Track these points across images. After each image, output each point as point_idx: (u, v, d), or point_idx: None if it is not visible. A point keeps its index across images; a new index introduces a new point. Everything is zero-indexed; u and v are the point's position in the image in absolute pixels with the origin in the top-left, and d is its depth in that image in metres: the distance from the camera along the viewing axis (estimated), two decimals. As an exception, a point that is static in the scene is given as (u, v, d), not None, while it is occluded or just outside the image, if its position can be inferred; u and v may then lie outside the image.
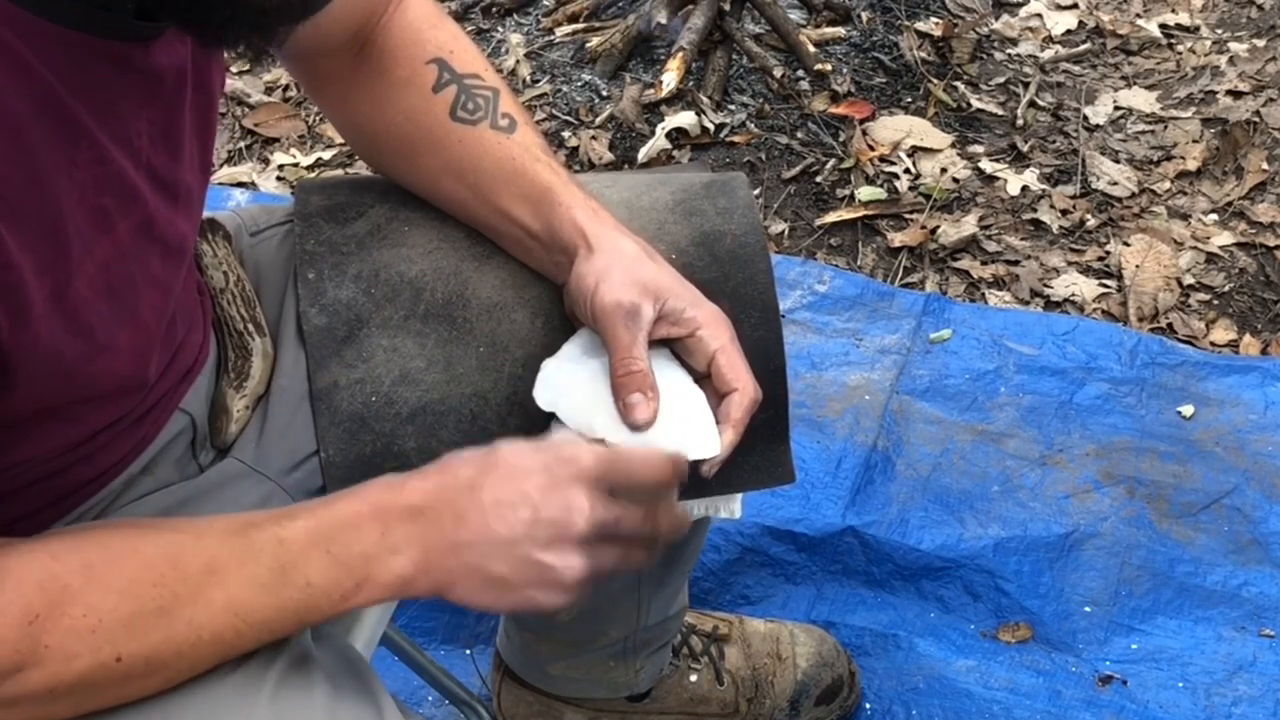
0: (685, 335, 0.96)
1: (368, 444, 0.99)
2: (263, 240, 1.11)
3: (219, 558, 0.78)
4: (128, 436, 0.92)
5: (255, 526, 0.80)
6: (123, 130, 0.76)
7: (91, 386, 0.82)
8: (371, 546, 0.80)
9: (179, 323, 0.94)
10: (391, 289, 1.03)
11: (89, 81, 0.71)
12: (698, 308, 0.97)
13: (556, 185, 1.00)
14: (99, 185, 0.74)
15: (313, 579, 0.79)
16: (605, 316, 0.94)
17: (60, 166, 0.70)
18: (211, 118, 0.90)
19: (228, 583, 0.77)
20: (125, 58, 0.74)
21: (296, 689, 0.82)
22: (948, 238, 2.26)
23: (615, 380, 0.94)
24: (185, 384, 0.98)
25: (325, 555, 0.79)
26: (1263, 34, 2.79)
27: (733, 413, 0.95)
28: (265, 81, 2.77)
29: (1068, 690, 1.55)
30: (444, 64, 1.03)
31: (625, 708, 1.47)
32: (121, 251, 0.78)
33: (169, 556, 0.77)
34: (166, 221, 0.83)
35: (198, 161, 0.88)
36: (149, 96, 0.78)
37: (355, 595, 0.80)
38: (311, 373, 1.01)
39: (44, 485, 0.87)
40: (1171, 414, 1.89)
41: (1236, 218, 2.30)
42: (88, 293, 0.75)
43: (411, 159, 1.05)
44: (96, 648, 0.73)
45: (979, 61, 2.73)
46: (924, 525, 1.71)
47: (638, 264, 0.96)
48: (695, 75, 2.61)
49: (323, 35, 1.00)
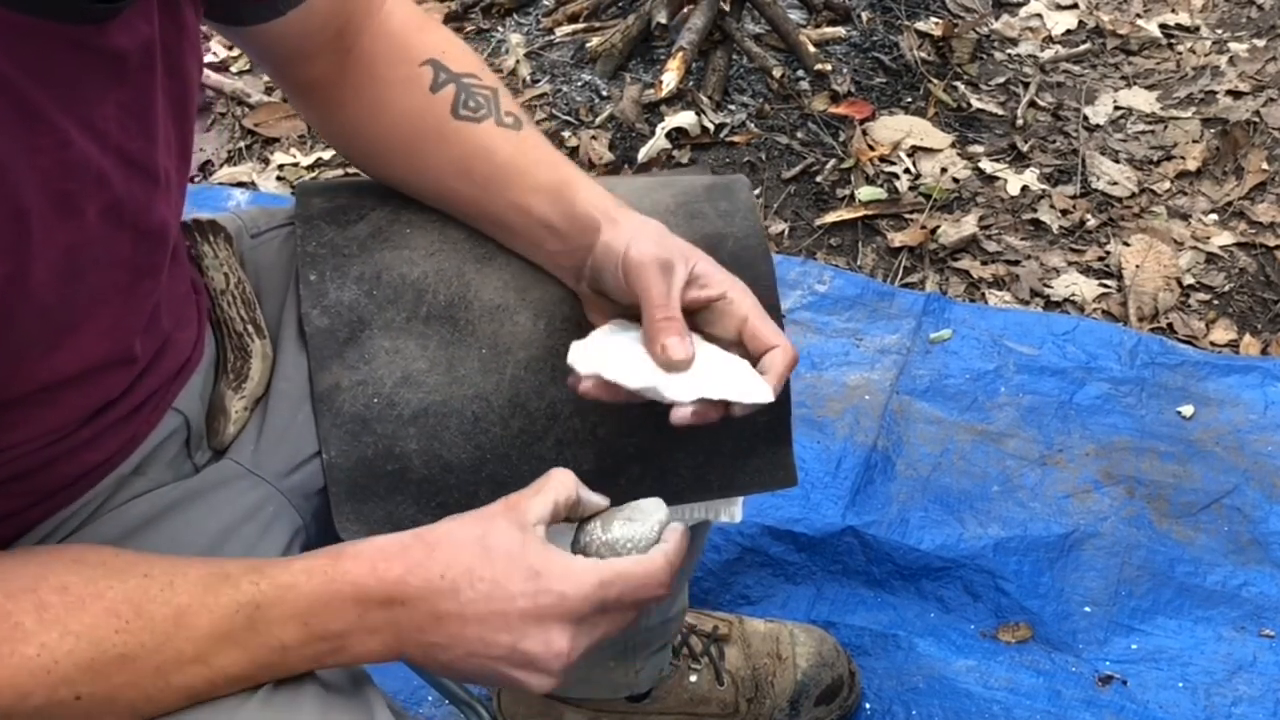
0: (715, 298, 0.96)
1: (370, 445, 0.99)
2: (263, 242, 1.11)
3: (189, 610, 0.76)
4: (114, 434, 0.91)
5: (229, 582, 0.78)
6: (87, 114, 0.75)
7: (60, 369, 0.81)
8: (348, 625, 0.79)
9: (165, 314, 0.93)
10: (393, 291, 1.03)
11: (47, 66, 0.70)
12: (725, 275, 0.97)
13: (574, 176, 1.01)
14: (63, 171, 0.73)
15: (287, 642, 0.78)
16: (640, 269, 0.94)
17: (19, 153, 0.69)
18: (188, 102, 0.89)
19: (196, 637, 0.76)
20: (84, 40, 0.73)
21: (288, 691, 0.81)
22: (948, 238, 2.26)
23: (652, 327, 0.93)
24: (178, 382, 0.97)
25: (302, 626, 0.78)
26: (1263, 34, 2.79)
27: (776, 365, 0.94)
28: (265, 81, 2.77)
29: (1068, 690, 1.55)
30: (438, 64, 1.03)
31: (625, 708, 1.47)
32: (89, 236, 0.77)
33: (134, 602, 0.76)
34: (141, 205, 0.82)
35: (175, 146, 0.87)
36: (115, 78, 0.77)
37: (328, 659, 0.80)
38: (313, 374, 1.01)
39: (26, 481, 0.86)
40: (1171, 414, 1.89)
41: (1236, 218, 2.31)
42: (48, 276, 0.74)
43: (413, 159, 1.05)
44: (52, 686, 0.72)
45: (979, 61, 2.73)
46: (924, 525, 1.71)
47: (664, 234, 0.98)
48: (695, 75, 2.61)
49: (304, 38, 1.00)
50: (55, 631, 0.73)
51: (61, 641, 0.73)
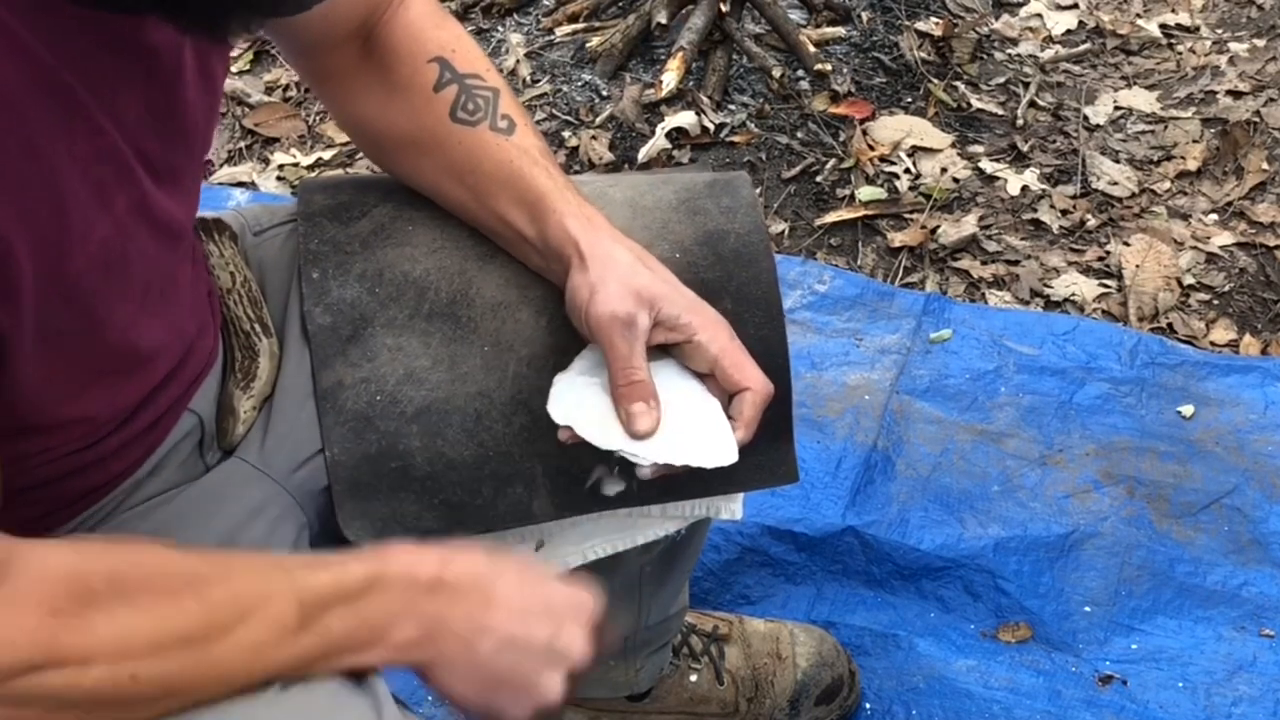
0: (683, 340, 0.96)
1: (373, 443, 0.99)
2: (266, 240, 1.11)
3: (246, 596, 0.77)
4: (140, 442, 0.92)
5: (283, 570, 0.79)
6: (116, 107, 0.75)
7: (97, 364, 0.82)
8: (395, 611, 0.80)
9: (190, 318, 0.94)
10: (396, 288, 1.03)
11: (83, 56, 0.71)
12: (694, 313, 0.97)
13: (551, 192, 0.99)
14: (99, 157, 0.74)
15: (334, 628, 0.79)
16: (601, 329, 0.94)
17: (59, 141, 0.70)
18: (213, 103, 0.90)
19: (252, 624, 0.76)
20: (119, 33, 0.73)
21: (302, 686, 0.82)
22: (948, 238, 2.26)
23: (617, 391, 0.94)
24: (195, 386, 0.98)
25: (349, 609, 0.79)
26: (1263, 34, 2.80)
27: (745, 411, 0.96)
28: (265, 81, 2.77)
29: (1068, 690, 1.55)
30: (445, 63, 1.03)
31: (625, 707, 1.47)
32: (119, 229, 0.78)
33: (195, 589, 0.76)
34: (161, 203, 0.83)
35: (196, 147, 0.88)
36: (146, 74, 0.78)
37: (364, 652, 0.81)
38: (316, 372, 1.01)
39: (53, 487, 0.87)
40: (1171, 414, 1.89)
41: (1236, 218, 2.31)
42: (87, 267, 0.75)
43: (413, 159, 1.05)
44: (114, 660, 0.72)
45: (979, 61, 2.73)
46: (924, 525, 1.71)
47: (631, 272, 0.96)
48: (695, 75, 2.61)
49: (328, 28, 1.01)
50: (125, 602, 0.73)
51: (131, 615, 0.73)
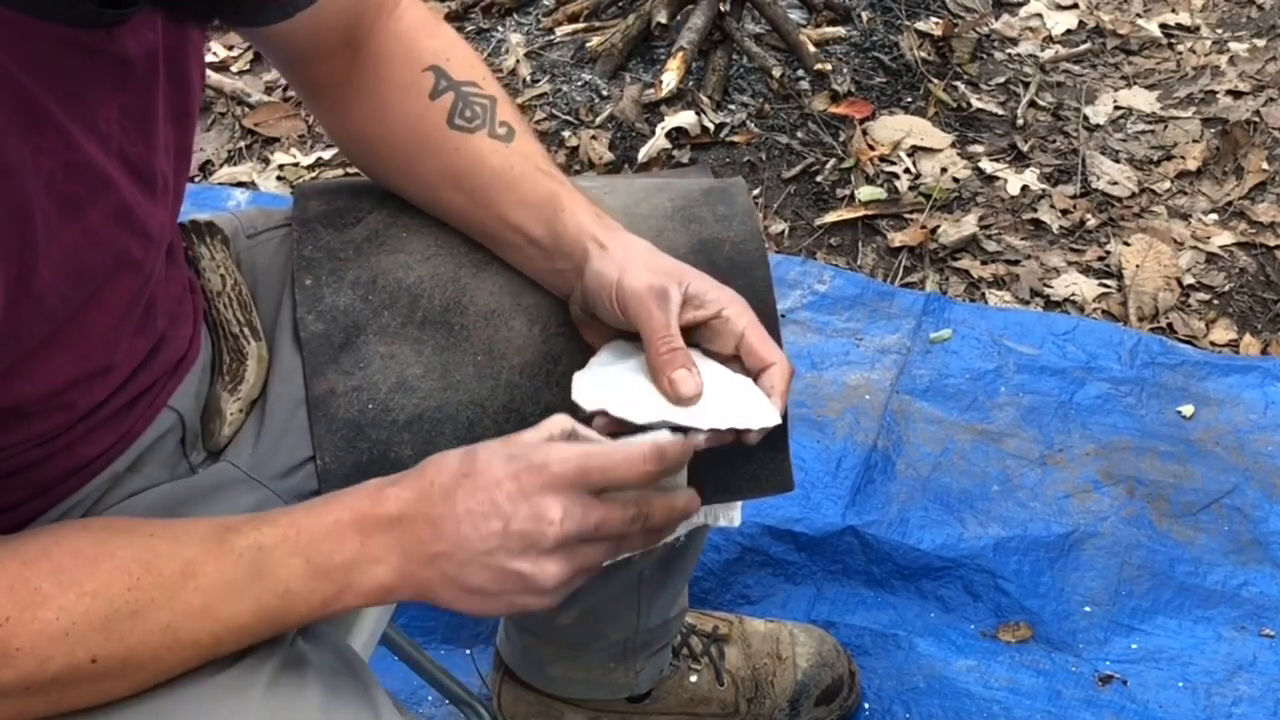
0: (711, 316, 0.96)
1: (364, 451, 0.99)
2: (260, 243, 1.11)
3: (195, 561, 0.78)
4: (109, 428, 0.92)
5: (233, 531, 0.80)
6: (91, 117, 0.75)
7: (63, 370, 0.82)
8: (352, 555, 0.80)
9: (160, 313, 0.94)
10: (389, 295, 1.03)
11: (53, 69, 0.71)
12: (719, 290, 0.97)
13: (561, 192, 1.00)
14: (67, 172, 0.73)
15: (291, 585, 0.79)
16: (636, 301, 0.94)
17: (23, 153, 0.69)
18: (189, 107, 0.90)
19: (204, 587, 0.77)
20: (92, 45, 0.73)
21: (290, 687, 0.82)
22: (948, 237, 2.26)
23: (657, 360, 0.92)
24: (173, 380, 0.97)
25: (305, 564, 0.79)
26: (1263, 34, 2.79)
27: (776, 383, 0.95)
28: (265, 81, 2.77)
29: (1068, 690, 1.55)
30: (441, 71, 1.03)
31: (625, 708, 1.47)
32: (92, 238, 0.78)
33: (143, 560, 0.77)
34: (140, 209, 0.83)
35: (174, 151, 0.87)
36: (119, 83, 0.78)
37: (335, 602, 0.81)
38: (308, 379, 1.01)
39: (23, 475, 0.87)
40: (1171, 414, 1.89)
41: (1236, 218, 2.30)
42: (54, 279, 0.75)
43: (409, 166, 1.05)
44: (70, 650, 0.74)
45: (979, 61, 2.73)
46: (924, 525, 1.71)
47: (652, 255, 0.97)
48: (695, 75, 2.61)
49: (315, 38, 1.00)
50: (72, 593, 0.74)
51: (78, 603, 0.74)
